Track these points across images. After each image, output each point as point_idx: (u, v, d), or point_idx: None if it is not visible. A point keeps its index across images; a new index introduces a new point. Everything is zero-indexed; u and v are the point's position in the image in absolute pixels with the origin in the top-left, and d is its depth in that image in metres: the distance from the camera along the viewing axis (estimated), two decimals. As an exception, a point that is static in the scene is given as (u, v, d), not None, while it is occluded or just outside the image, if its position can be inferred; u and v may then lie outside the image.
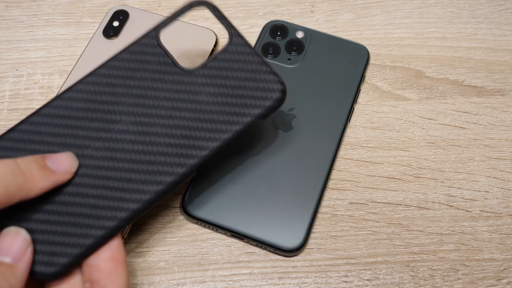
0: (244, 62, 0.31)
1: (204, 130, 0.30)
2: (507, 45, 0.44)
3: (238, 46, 0.31)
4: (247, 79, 0.31)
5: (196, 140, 0.30)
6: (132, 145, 0.30)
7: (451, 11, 0.45)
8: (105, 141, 0.30)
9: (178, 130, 0.30)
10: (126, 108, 0.30)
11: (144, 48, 0.31)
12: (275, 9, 0.45)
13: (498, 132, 0.40)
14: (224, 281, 0.34)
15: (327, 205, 0.37)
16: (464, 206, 0.37)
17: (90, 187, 0.29)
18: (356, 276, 0.34)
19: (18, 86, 0.42)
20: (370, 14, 0.45)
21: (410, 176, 0.38)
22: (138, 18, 0.43)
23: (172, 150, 0.30)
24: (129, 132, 0.30)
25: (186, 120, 0.30)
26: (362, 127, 0.40)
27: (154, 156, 0.30)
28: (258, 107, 0.30)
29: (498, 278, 0.34)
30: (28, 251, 0.27)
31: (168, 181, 0.29)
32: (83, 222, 0.28)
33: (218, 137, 0.30)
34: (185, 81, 0.31)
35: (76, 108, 0.30)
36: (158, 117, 0.30)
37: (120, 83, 0.31)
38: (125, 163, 0.29)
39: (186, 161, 0.29)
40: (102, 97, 0.30)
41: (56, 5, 0.46)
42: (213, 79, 0.31)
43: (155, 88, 0.31)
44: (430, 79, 0.42)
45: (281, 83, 0.31)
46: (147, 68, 0.31)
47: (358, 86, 0.40)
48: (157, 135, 0.30)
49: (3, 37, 0.44)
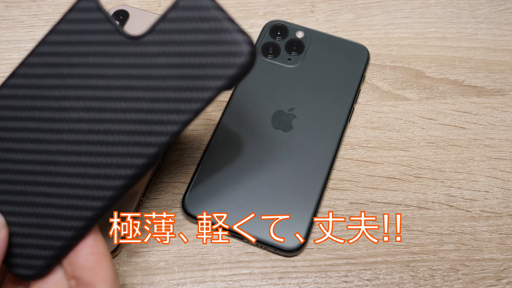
0: (201, 20, 0.25)
1: (160, 112, 0.26)
2: (507, 45, 0.44)
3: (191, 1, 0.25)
4: (205, 42, 0.25)
5: (154, 125, 0.26)
6: (87, 136, 0.27)
7: (451, 11, 0.45)
8: (60, 132, 0.27)
9: (132, 114, 0.26)
10: (75, 92, 0.27)
11: (82, 14, 0.27)
12: (275, 9, 0.45)
13: (498, 132, 0.40)
14: (224, 281, 0.34)
15: (327, 205, 0.37)
16: (464, 206, 0.37)
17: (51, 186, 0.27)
18: (356, 276, 0.34)
19: (18, 86, 0.42)
20: (370, 14, 0.45)
21: (410, 176, 0.38)
22: (138, 18, 0.43)
23: (129, 139, 0.26)
24: (82, 121, 0.27)
25: (139, 101, 0.26)
26: (362, 127, 0.40)
27: (111, 147, 0.26)
28: (219, 77, 0.25)
29: (498, 278, 0.34)
30: (2, 232, 0.26)
31: (129, 174, 0.26)
32: (51, 223, 0.27)
33: (178, 119, 0.26)
34: (133, 52, 0.26)
35: (23, 97, 0.27)
36: (110, 100, 0.26)
37: (63, 62, 0.27)
38: (83, 156, 0.26)
39: (146, 150, 0.26)
40: (47, 81, 0.27)
41: (56, 5, 0.46)
42: (165, 46, 0.26)
43: (102, 64, 0.26)
44: (430, 79, 0.42)
45: (248, 42, 0.25)
46: (89, 39, 0.27)
47: (358, 86, 0.40)
48: (110, 122, 0.26)
49: (3, 37, 0.44)
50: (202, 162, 0.37)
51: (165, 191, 0.37)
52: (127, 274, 0.34)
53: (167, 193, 0.37)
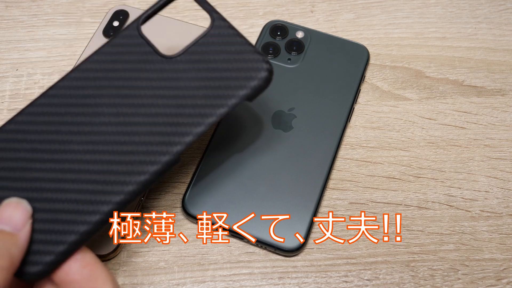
0: (227, 44, 0.30)
1: (187, 116, 0.29)
2: (507, 45, 0.44)
3: (220, 29, 0.30)
4: (230, 60, 0.30)
5: (179, 127, 0.29)
6: (114, 137, 0.29)
7: (451, 11, 0.45)
8: (86, 134, 0.29)
9: (160, 118, 0.29)
10: (108, 100, 0.30)
11: (126, 40, 0.31)
12: (275, 9, 0.45)
13: (498, 132, 0.40)
14: (224, 281, 0.34)
15: (327, 205, 0.37)
16: (464, 206, 0.37)
17: (73, 182, 0.28)
18: (356, 276, 0.34)
19: (18, 86, 0.42)
20: (370, 14, 0.45)
21: (410, 176, 0.38)
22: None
23: (155, 139, 0.29)
24: (110, 124, 0.29)
25: (168, 107, 0.29)
26: (362, 127, 0.40)
27: (137, 146, 0.29)
28: (243, 87, 0.29)
29: (498, 278, 0.34)
30: (28, 222, 0.27)
31: (152, 171, 0.28)
32: (68, 217, 0.28)
33: (202, 122, 0.29)
34: (166, 68, 0.30)
35: (59, 105, 0.30)
36: (140, 107, 0.29)
37: (102, 76, 0.30)
38: (107, 155, 0.29)
39: (169, 148, 0.29)
40: (85, 92, 0.30)
41: (56, 5, 0.46)
42: (195, 63, 0.30)
43: (137, 78, 0.30)
44: (430, 79, 0.42)
45: (267, 62, 0.29)
46: (129, 59, 0.30)
47: (358, 86, 0.40)
48: (139, 125, 0.29)
49: (3, 37, 0.44)
50: (202, 162, 0.37)
51: (165, 191, 0.37)
52: (127, 274, 0.34)
53: (167, 193, 0.37)
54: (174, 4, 0.45)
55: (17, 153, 0.29)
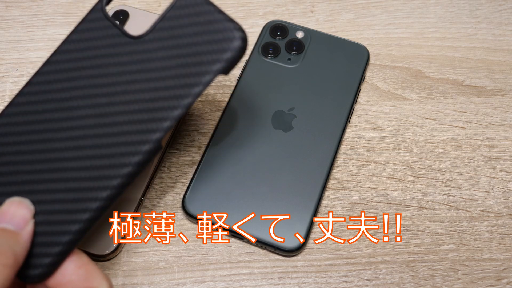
0: (195, 14, 0.28)
1: (162, 100, 0.28)
2: (507, 45, 0.44)
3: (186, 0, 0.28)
4: (200, 33, 0.28)
5: (156, 112, 0.28)
6: (93, 130, 0.28)
7: (451, 11, 0.45)
8: (66, 130, 0.28)
9: (136, 105, 0.28)
10: (82, 92, 0.29)
11: (91, 24, 0.30)
12: (275, 9, 0.45)
13: (498, 132, 0.40)
14: (224, 281, 0.34)
15: (327, 205, 0.37)
16: (464, 206, 0.37)
17: (59, 182, 0.28)
18: (356, 276, 0.34)
19: (18, 86, 0.42)
20: (370, 14, 0.45)
21: (410, 176, 0.38)
22: (138, 18, 0.43)
23: (133, 128, 0.28)
24: (88, 117, 0.28)
25: (142, 92, 0.28)
26: (362, 127, 0.40)
27: (116, 137, 0.28)
28: (216, 61, 0.27)
29: (498, 278, 0.34)
30: (31, 222, 0.27)
31: (134, 162, 0.27)
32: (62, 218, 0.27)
33: (178, 104, 0.27)
34: (136, 50, 0.29)
35: (35, 102, 0.29)
36: (114, 95, 0.28)
37: (73, 66, 0.29)
38: (88, 150, 0.28)
39: (149, 137, 0.27)
40: (58, 86, 0.29)
41: (56, 5, 0.46)
42: (164, 41, 0.28)
43: (108, 64, 0.29)
44: (430, 79, 0.42)
45: (240, 29, 0.27)
46: (97, 44, 0.29)
47: (358, 86, 0.40)
48: (116, 115, 0.28)
49: (3, 37, 0.44)
50: (202, 162, 0.37)
51: (165, 191, 0.37)
52: (127, 274, 0.34)
53: (167, 193, 0.37)
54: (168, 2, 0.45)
55: (1, 157, 0.29)
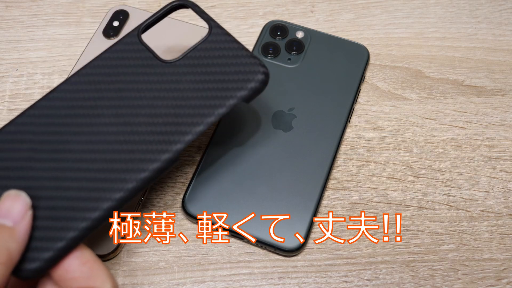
0: (224, 49, 0.31)
1: (187, 116, 0.30)
2: (507, 45, 0.44)
3: (217, 36, 0.32)
4: (228, 64, 0.31)
5: (179, 126, 0.30)
6: (114, 136, 0.30)
7: (451, 11, 0.45)
8: (87, 134, 0.30)
9: (160, 118, 0.30)
10: (108, 102, 0.30)
11: (126, 46, 0.32)
12: (275, 9, 0.45)
13: (498, 132, 0.40)
14: (224, 281, 0.34)
15: (327, 205, 0.37)
16: (464, 206, 0.37)
17: (74, 180, 0.28)
18: (356, 276, 0.34)
19: (18, 86, 0.42)
20: (370, 14, 0.45)
21: (410, 176, 0.38)
22: (138, 18, 0.43)
23: (155, 138, 0.29)
24: (111, 124, 0.30)
25: (168, 108, 0.30)
26: (362, 127, 0.40)
27: (137, 145, 0.29)
28: (241, 89, 0.30)
29: (498, 278, 0.34)
30: (28, 215, 0.26)
31: (151, 168, 0.29)
32: (65, 215, 0.28)
33: (201, 121, 0.30)
34: (166, 72, 0.31)
35: (60, 107, 0.30)
36: (140, 108, 0.30)
37: (103, 80, 0.31)
38: (108, 154, 0.29)
39: (169, 147, 0.29)
40: (85, 95, 0.31)
41: (56, 5, 0.46)
42: (194, 67, 0.31)
43: (137, 81, 0.31)
44: (430, 79, 0.42)
45: (263, 65, 0.31)
46: (129, 64, 0.31)
47: (358, 86, 0.40)
48: (139, 125, 0.30)
49: (3, 37, 0.44)
50: (202, 162, 0.37)
51: (165, 191, 0.37)
52: (127, 274, 0.34)
53: (167, 193, 0.37)
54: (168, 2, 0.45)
55: (18, 153, 0.29)
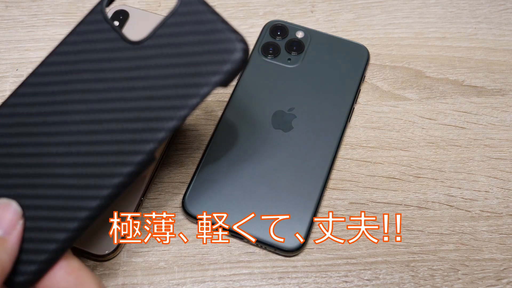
0: (197, 23, 0.27)
1: (158, 110, 0.27)
2: (507, 45, 0.44)
3: (189, 6, 0.27)
4: (201, 42, 0.27)
5: (151, 122, 0.27)
6: (86, 137, 0.27)
7: (451, 11, 0.45)
8: (58, 135, 0.28)
9: (131, 113, 0.27)
10: (77, 96, 0.28)
11: (90, 26, 0.29)
12: (275, 9, 0.45)
13: (498, 132, 0.40)
14: (224, 281, 0.34)
15: (327, 205, 0.37)
16: (464, 206, 0.37)
17: (49, 188, 0.27)
18: (356, 276, 0.34)
19: (18, 86, 0.42)
20: (370, 14, 0.45)
21: (410, 176, 0.38)
22: (138, 18, 0.43)
23: (127, 137, 0.27)
24: (82, 123, 0.28)
25: (138, 101, 0.27)
26: (362, 127, 0.40)
27: (109, 146, 0.27)
28: (215, 73, 0.26)
29: (498, 278, 0.34)
30: (19, 224, 0.26)
31: (125, 172, 0.26)
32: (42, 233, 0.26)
33: (174, 115, 0.26)
34: (134, 55, 0.28)
35: (29, 104, 0.28)
36: (110, 101, 0.27)
37: (70, 69, 0.28)
38: (80, 157, 0.27)
39: (142, 147, 0.26)
40: (54, 88, 0.28)
41: (56, 5, 0.46)
42: (164, 48, 0.27)
43: (105, 68, 0.28)
44: (430, 79, 0.42)
45: (241, 40, 0.26)
46: (95, 48, 0.28)
47: (358, 86, 0.40)
48: (110, 122, 0.27)
49: (3, 37, 0.44)
50: (202, 162, 0.37)
51: (165, 191, 0.37)
52: (127, 274, 0.34)
53: (167, 193, 0.37)
54: (168, 2, 0.45)
55: None
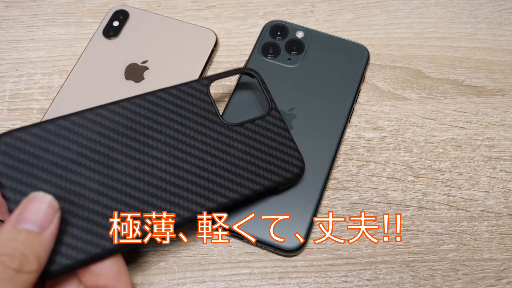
0: (276, 133, 0.35)
1: (228, 180, 0.32)
2: (507, 45, 0.44)
3: (274, 118, 0.35)
4: (276, 149, 0.34)
5: (219, 187, 0.32)
6: (158, 172, 0.31)
7: (451, 11, 0.45)
8: (135, 160, 0.31)
9: (205, 173, 0.32)
10: (163, 137, 0.32)
11: (193, 91, 0.33)
12: (275, 9, 0.45)
13: (498, 132, 0.40)
14: (224, 281, 0.34)
15: (327, 205, 0.37)
16: (464, 206, 0.37)
17: (111, 199, 0.29)
18: (356, 276, 0.34)
19: (18, 86, 0.42)
20: (370, 14, 0.45)
21: (410, 176, 0.38)
22: (138, 18, 0.43)
23: (195, 189, 0.31)
24: (159, 160, 0.31)
25: (214, 166, 0.32)
26: (362, 127, 0.40)
27: (175, 188, 0.31)
28: (279, 176, 0.34)
29: (498, 278, 0.34)
30: (55, 218, 0.26)
31: (184, 216, 0.31)
32: (96, 230, 0.29)
33: (239, 191, 0.32)
34: (222, 132, 0.33)
35: (117, 122, 0.31)
36: (191, 156, 0.32)
37: (163, 113, 0.32)
38: (147, 186, 0.30)
39: (203, 202, 0.31)
40: (144, 121, 0.32)
41: (56, 5, 0.46)
42: (247, 139, 0.34)
43: (194, 129, 0.33)
44: (430, 79, 0.42)
45: (302, 161, 0.35)
46: (192, 109, 0.33)
47: (358, 86, 0.40)
48: (185, 171, 0.31)
49: (3, 37, 0.44)
50: (202, 162, 0.37)
51: (165, 191, 0.37)
52: (127, 274, 0.34)
53: (167, 193, 0.37)
54: (174, 3, 0.46)
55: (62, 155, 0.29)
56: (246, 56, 0.42)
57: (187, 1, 0.46)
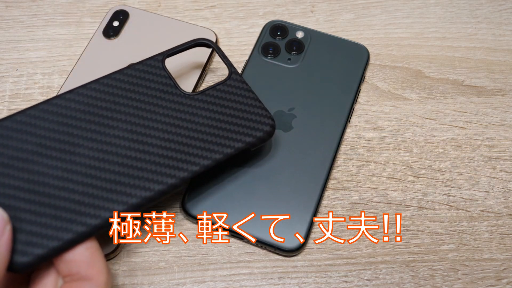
0: (240, 95, 0.34)
1: (197, 148, 0.32)
2: (507, 45, 0.44)
3: (235, 82, 0.34)
4: (242, 110, 0.34)
5: (189, 156, 0.32)
6: (124, 150, 0.31)
7: (451, 11, 0.45)
8: (98, 142, 0.31)
9: (172, 144, 0.32)
10: (124, 116, 0.32)
11: (149, 68, 0.34)
12: (275, 9, 0.45)
13: (498, 132, 0.40)
14: (224, 281, 0.34)
15: (327, 205, 0.37)
16: (464, 206, 0.37)
17: (77, 184, 0.29)
18: (356, 276, 0.34)
19: (18, 86, 0.42)
20: (370, 14, 0.45)
21: (410, 176, 0.38)
22: (138, 18, 0.43)
23: (164, 161, 0.31)
24: (123, 138, 0.31)
25: (181, 136, 0.32)
26: (362, 127, 0.40)
27: (145, 164, 0.31)
28: (250, 136, 0.33)
29: (498, 278, 0.34)
30: (6, 229, 0.26)
31: (156, 189, 0.30)
32: (65, 216, 0.28)
33: (210, 156, 0.32)
34: (184, 102, 0.33)
35: (75, 109, 0.31)
36: (155, 130, 0.32)
37: (121, 94, 0.32)
38: (115, 166, 0.30)
39: (176, 173, 0.31)
40: (102, 104, 0.32)
41: (56, 5, 0.46)
42: (211, 105, 0.33)
43: (154, 104, 0.33)
44: (430, 79, 0.42)
45: (272, 118, 0.34)
46: (149, 85, 0.33)
47: (358, 86, 0.40)
48: (151, 146, 0.31)
49: (3, 37, 0.44)
50: (202, 162, 0.37)
51: (165, 191, 0.37)
52: (127, 274, 0.34)
53: (167, 193, 0.37)
54: (174, 3, 0.46)
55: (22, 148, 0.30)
56: (246, 56, 0.42)
57: (187, 1, 0.46)
